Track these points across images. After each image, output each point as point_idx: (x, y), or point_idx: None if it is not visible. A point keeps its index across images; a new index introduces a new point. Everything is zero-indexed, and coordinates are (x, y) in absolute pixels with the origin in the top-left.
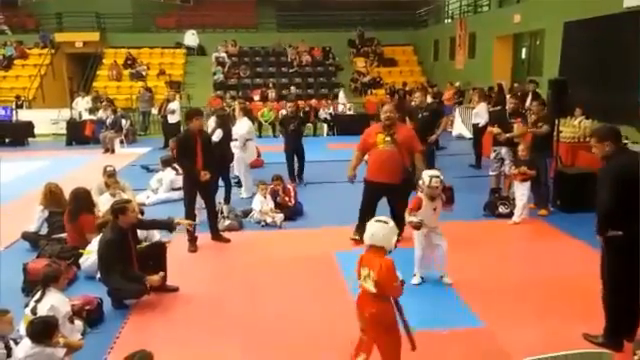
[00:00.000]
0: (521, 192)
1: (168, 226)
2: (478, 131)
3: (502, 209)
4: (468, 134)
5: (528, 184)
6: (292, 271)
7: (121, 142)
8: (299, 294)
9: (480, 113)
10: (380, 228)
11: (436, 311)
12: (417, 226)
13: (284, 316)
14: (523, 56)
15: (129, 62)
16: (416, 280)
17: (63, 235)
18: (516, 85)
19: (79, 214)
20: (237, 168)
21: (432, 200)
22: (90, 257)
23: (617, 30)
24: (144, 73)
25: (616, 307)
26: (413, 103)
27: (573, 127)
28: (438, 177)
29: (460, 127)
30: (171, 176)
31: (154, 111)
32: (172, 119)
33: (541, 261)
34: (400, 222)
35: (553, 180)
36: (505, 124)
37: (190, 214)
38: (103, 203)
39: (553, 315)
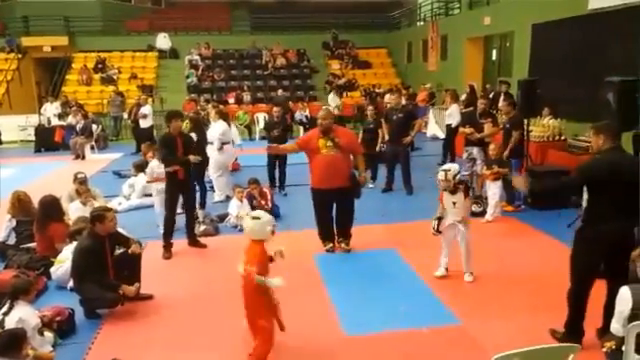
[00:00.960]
0: (493, 191)
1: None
2: (451, 132)
3: (475, 208)
4: (442, 135)
5: (500, 183)
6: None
7: (92, 148)
8: (279, 299)
9: (452, 114)
10: (254, 224)
11: (414, 310)
12: (435, 232)
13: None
14: (494, 57)
15: (99, 66)
16: (439, 272)
17: (32, 245)
18: (488, 86)
19: (48, 223)
20: (212, 171)
21: (452, 194)
22: (62, 266)
23: (583, 31)
24: (115, 77)
25: (576, 302)
26: (388, 105)
27: (542, 127)
28: (446, 171)
29: (434, 128)
30: (144, 182)
31: (125, 115)
32: (144, 124)
33: (514, 258)
34: (349, 217)
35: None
36: (476, 124)
37: (171, 219)
38: (73, 211)
39: (527, 310)
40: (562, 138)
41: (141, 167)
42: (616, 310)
